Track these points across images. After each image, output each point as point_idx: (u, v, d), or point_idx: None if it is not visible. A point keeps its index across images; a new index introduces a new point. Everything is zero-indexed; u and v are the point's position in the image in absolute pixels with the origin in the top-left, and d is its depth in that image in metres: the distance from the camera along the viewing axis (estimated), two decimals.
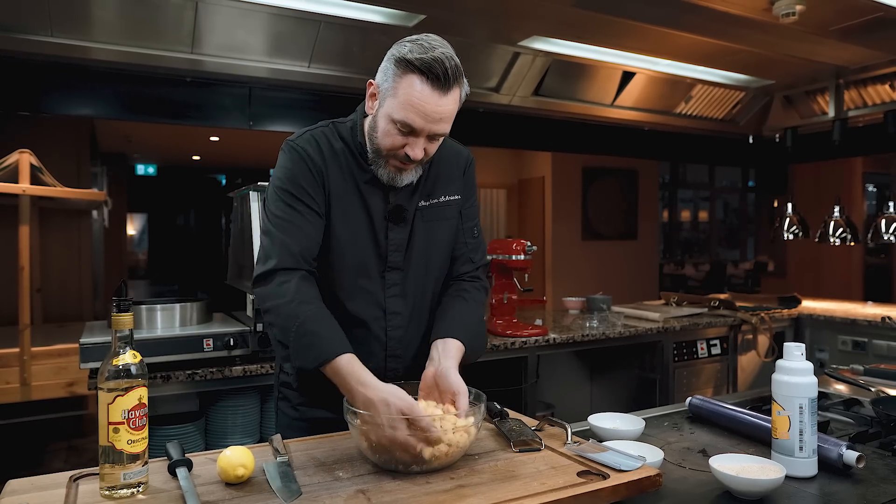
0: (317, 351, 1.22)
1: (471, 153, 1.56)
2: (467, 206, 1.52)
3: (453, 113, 1.30)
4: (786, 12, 2.69)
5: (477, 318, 1.46)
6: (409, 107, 1.25)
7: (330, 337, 1.24)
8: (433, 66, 1.23)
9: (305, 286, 1.30)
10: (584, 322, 3.38)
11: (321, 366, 1.22)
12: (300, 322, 1.24)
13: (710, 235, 9.96)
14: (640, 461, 1.10)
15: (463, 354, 1.35)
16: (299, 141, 1.39)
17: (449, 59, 1.25)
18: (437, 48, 1.25)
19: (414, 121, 1.26)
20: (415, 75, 1.24)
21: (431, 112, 1.25)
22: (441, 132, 1.30)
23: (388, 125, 1.29)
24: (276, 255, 1.32)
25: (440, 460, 1.10)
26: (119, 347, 1.04)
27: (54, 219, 5.28)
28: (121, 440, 1.01)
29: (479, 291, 1.51)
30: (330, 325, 1.27)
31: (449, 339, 1.34)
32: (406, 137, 1.29)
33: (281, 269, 1.31)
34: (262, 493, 1.02)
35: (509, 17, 3.02)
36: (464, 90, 1.32)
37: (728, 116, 4.57)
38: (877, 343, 3.55)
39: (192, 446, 2.27)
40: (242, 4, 2.73)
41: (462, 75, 1.29)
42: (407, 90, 1.25)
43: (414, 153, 1.29)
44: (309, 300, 1.28)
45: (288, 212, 1.34)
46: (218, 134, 7.46)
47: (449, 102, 1.27)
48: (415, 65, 1.24)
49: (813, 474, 1.20)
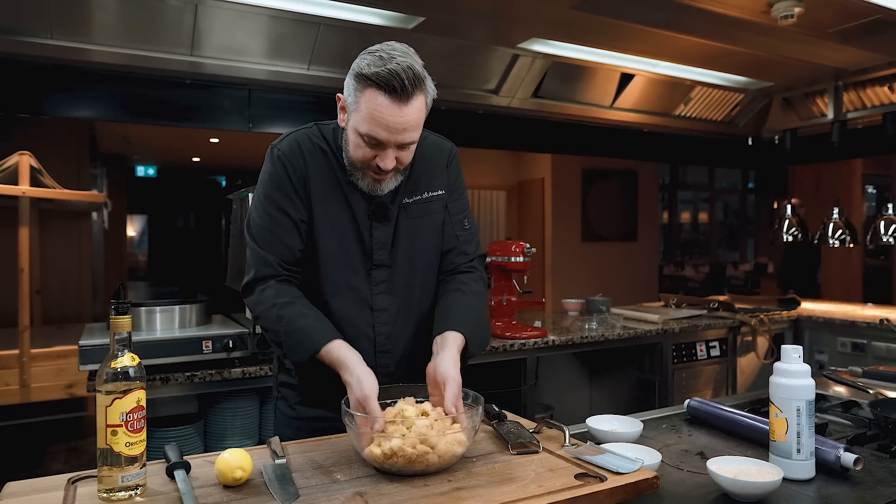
0: (306, 344, 1.29)
1: (454, 146, 1.56)
2: (454, 199, 1.53)
3: (419, 120, 1.30)
4: (784, 14, 2.69)
5: (477, 309, 1.45)
6: (371, 120, 1.26)
7: (315, 328, 1.31)
8: (390, 80, 1.23)
9: (284, 288, 1.37)
10: (583, 324, 3.38)
11: (314, 356, 1.29)
12: (286, 322, 1.32)
13: (710, 237, 9.96)
14: (638, 464, 1.10)
15: (464, 345, 1.34)
16: (281, 146, 1.42)
17: (406, 69, 1.24)
18: (396, 58, 1.24)
19: (378, 133, 1.27)
20: (373, 90, 1.25)
21: (394, 124, 1.26)
22: (408, 141, 1.30)
23: (356, 138, 1.31)
24: (254, 265, 1.39)
25: (425, 463, 1.08)
26: (117, 350, 1.04)
27: (54, 220, 5.29)
28: (119, 443, 1.01)
29: (478, 282, 1.51)
30: (314, 318, 1.33)
31: (448, 332, 1.34)
32: (375, 149, 1.30)
33: (259, 279, 1.38)
34: (260, 496, 1.02)
35: (509, 19, 3.02)
36: (429, 95, 1.31)
37: (727, 118, 4.58)
38: (876, 345, 3.55)
39: (190, 448, 2.27)
40: (242, 6, 2.74)
41: (423, 82, 1.28)
42: (368, 105, 1.26)
43: (384, 164, 1.30)
44: (291, 300, 1.35)
45: (267, 221, 1.40)
46: (218, 136, 7.47)
47: (411, 112, 1.27)
48: (371, 79, 1.24)
49: (810, 477, 1.20)
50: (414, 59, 1.29)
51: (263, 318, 1.36)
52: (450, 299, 1.44)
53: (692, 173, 9.65)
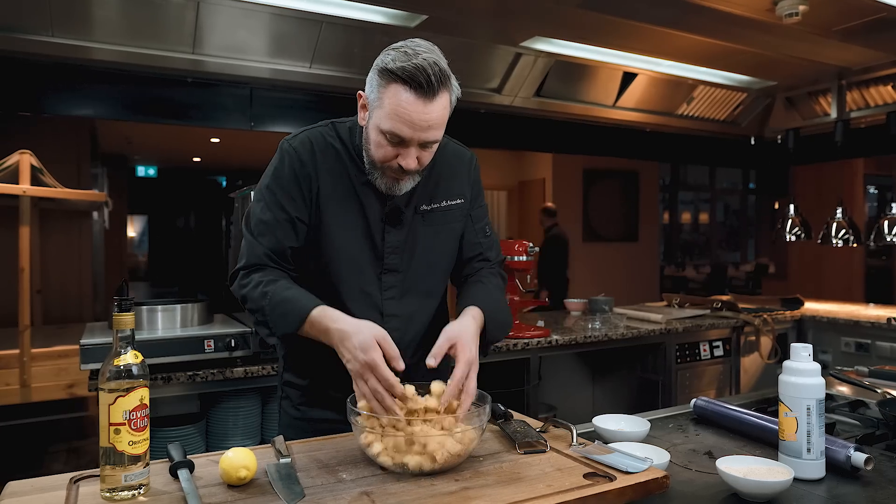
0: (292, 314, 1.27)
1: (475, 155, 1.55)
2: (475, 208, 1.51)
3: (443, 119, 1.28)
4: (789, 13, 2.68)
5: (498, 294, 1.44)
6: (395, 117, 1.23)
7: (300, 298, 1.29)
8: (416, 75, 1.21)
9: (270, 273, 1.34)
10: (586, 324, 3.37)
11: (301, 323, 1.26)
12: (270, 296, 1.29)
13: (711, 237, 9.96)
14: (647, 463, 1.09)
15: (484, 322, 1.33)
16: (293, 142, 1.40)
17: (432, 64, 1.22)
18: (421, 54, 1.22)
19: (402, 130, 1.24)
20: (398, 85, 1.22)
21: (419, 121, 1.23)
22: (432, 139, 1.28)
23: (378, 136, 1.28)
24: (245, 254, 1.37)
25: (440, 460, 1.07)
26: (120, 347, 1.03)
27: (55, 220, 5.28)
28: (122, 441, 1.00)
29: (499, 278, 1.51)
30: (298, 290, 1.31)
31: (469, 306, 1.34)
32: (397, 148, 1.27)
33: (247, 267, 1.36)
34: (265, 495, 1.01)
35: (511, 17, 3.01)
36: (454, 94, 1.29)
37: (730, 118, 4.56)
38: (880, 345, 3.53)
39: (192, 448, 2.26)
40: (244, 5, 2.73)
41: (449, 79, 1.26)
42: (392, 100, 1.23)
43: (406, 163, 1.27)
44: (275, 279, 1.32)
45: (265, 214, 1.37)
46: (218, 135, 7.47)
47: (436, 109, 1.24)
48: (397, 74, 1.22)
49: (821, 476, 1.19)
50: (439, 56, 1.26)
51: (249, 299, 1.33)
52: (472, 288, 1.44)
53: (693, 173, 9.64)
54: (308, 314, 1.25)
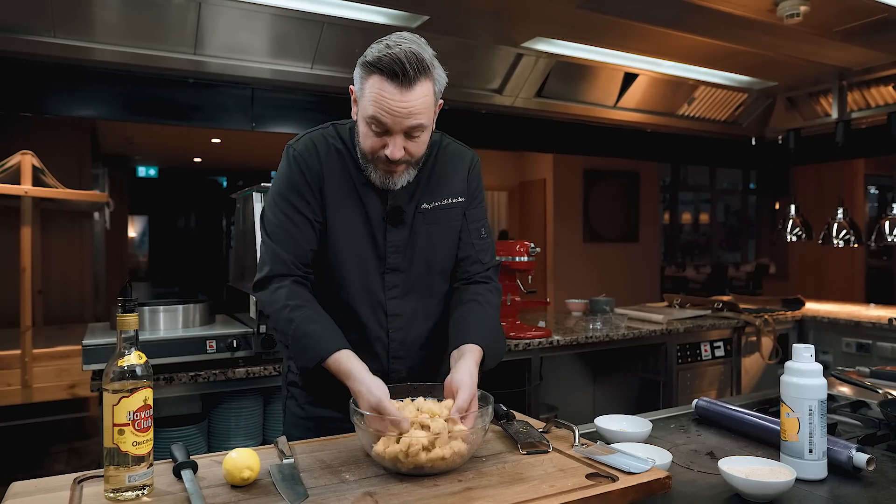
0: (313, 351, 1.28)
1: (476, 155, 1.55)
2: (472, 207, 1.52)
3: (425, 106, 1.29)
4: (790, 13, 2.68)
5: (494, 322, 1.43)
6: (375, 105, 1.27)
7: (324, 336, 1.30)
8: (391, 64, 1.24)
9: (297, 290, 1.36)
10: (587, 324, 3.37)
11: (319, 364, 1.27)
12: (295, 326, 1.31)
13: (711, 238, 9.95)
14: (650, 463, 1.09)
15: (482, 357, 1.33)
16: (297, 146, 1.42)
17: (409, 53, 1.24)
18: (402, 44, 1.26)
19: (383, 117, 1.27)
20: (377, 75, 1.26)
21: (397, 108, 1.26)
22: (414, 125, 1.29)
23: (364, 127, 1.32)
24: (269, 262, 1.39)
25: (438, 464, 1.08)
26: (124, 348, 1.03)
27: (56, 220, 5.28)
28: (126, 442, 1.00)
29: (493, 294, 1.49)
30: (324, 325, 1.32)
31: (465, 344, 1.33)
32: (382, 138, 1.30)
33: (275, 276, 1.37)
34: (269, 496, 1.01)
35: (513, 18, 3.02)
36: (438, 83, 1.32)
37: (731, 118, 4.56)
38: (881, 345, 3.53)
39: (194, 449, 2.26)
40: (245, 5, 2.73)
41: (428, 68, 1.28)
42: (371, 90, 1.27)
43: (392, 153, 1.29)
44: (302, 304, 1.34)
45: (282, 220, 1.39)
46: (219, 136, 7.47)
47: (415, 97, 1.26)
48: (374, 64, 1.26)
49: (823, 477, 1.19)
50: (422, 46, 1.29)
51: (273, 319, 1.36)
52: (466, 310, 1.42)
53: (693, 174, 9.64)
54: (326, 359, 1.27)
